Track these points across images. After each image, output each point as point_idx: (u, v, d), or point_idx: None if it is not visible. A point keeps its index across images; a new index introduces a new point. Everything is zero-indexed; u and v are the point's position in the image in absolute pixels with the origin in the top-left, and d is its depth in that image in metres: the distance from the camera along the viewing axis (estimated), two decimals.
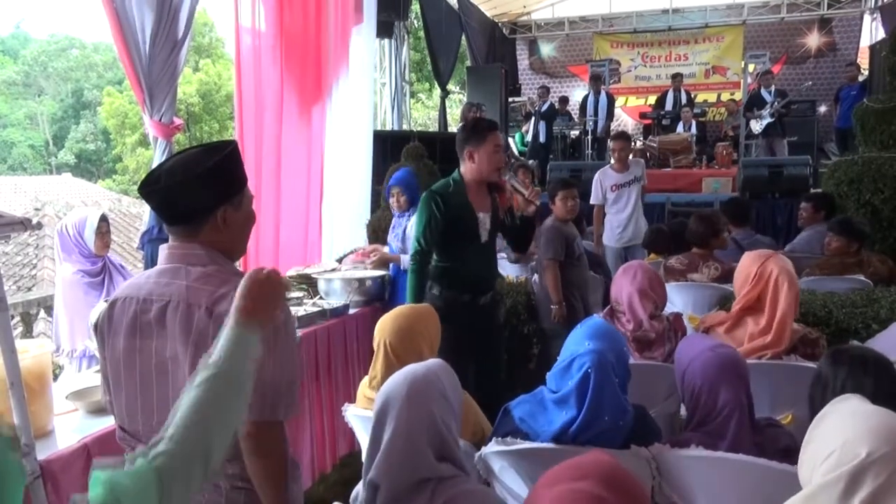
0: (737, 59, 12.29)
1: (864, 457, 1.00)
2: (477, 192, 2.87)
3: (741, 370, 1.77)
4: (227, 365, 1.03)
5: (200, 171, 1.37)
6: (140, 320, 1.41)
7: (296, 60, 5.45)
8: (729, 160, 8.95)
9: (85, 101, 33.30)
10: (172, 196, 1.39)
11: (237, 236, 1.48)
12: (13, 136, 32.18)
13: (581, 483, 0.91)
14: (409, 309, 2.22)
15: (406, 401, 1.34)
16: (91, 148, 31.77)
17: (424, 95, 20.17)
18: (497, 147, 2.82)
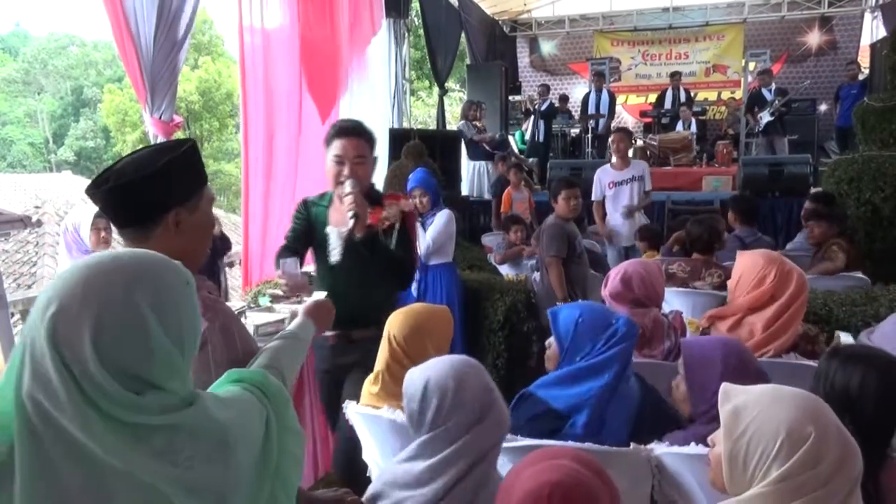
0: (737, 58, 12.28)
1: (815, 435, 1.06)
2: (338, 203, 2.43)
3: (756, 365, 1.79)
4: (295, 332, 1.50)
5: (150, 171, 1.28)
6: None
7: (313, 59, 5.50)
8: (729, 158, 8.94)
9: (85, 98, 33.29)
10: (120, 197, 1.29)
11: (193, 241, 1.38)
12: (13, 133, 32.15)
13: (559, 460, 1.03)
14: (422, 307, 2.24)
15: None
16: (91, 146, 31.75)
17: (424, 93, 20.16)
18: (337, 157, 2.35)
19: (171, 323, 0.93)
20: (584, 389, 1.89)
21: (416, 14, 8.91)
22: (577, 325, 1.97)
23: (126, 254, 0.97)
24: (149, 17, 3.76)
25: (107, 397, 0.85)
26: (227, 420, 0.98)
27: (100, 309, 0.87)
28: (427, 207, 3.86)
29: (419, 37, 11.20)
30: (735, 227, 4.50)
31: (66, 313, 0.86)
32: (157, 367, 0.90)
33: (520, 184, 6.74)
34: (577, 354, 1.95)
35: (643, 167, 5.65)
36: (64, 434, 0.83)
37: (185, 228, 1.34)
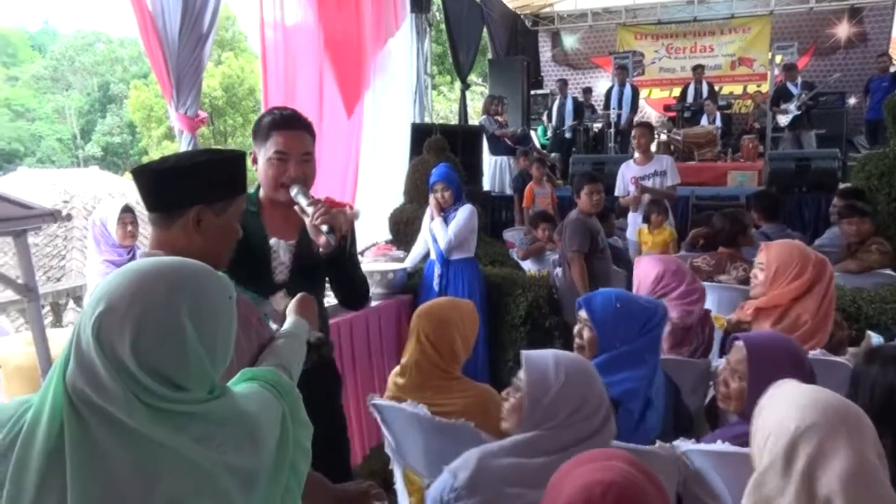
0: (764, 51, 12.07)
1: (793, 430, 1.07)
2: (273, 209, 1.96)
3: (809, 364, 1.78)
4: (292, 331, 1.48)
5: (187, 163, 1.39)
6: None
7: (337, 55, 5.53)
8: (755, 153, 8.81)
9: (111, 94, 33.79)
10: (154, 181, 1.38)
11: (213, 244, 1.40)
12: (42, 129, 32.75)
13: (611, 462, 1.02)
14: (447, 301, 2.28)
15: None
16: (117, 141, 32.23)
17: (446, 88, 20.15)
18: (280, 154, 1.89)
19: (206, 332, 0.98)
20: (633, 374, 1.91)
21: (438, 9, 8.88)
22: (615, 310, 1.99)
23: (174, 262, 1.03)
24: (174, 14, 3.80)
25: (146, 391, 0.91)
26: (253, 412, 1.05)
27: (142, 312, 0.93)
28: (449, 202, 3.86)
29: (441, 31, 11.17)
30: (761, 223, 4.44)
31: (112, 314, 0.92)
32: (189, 372, 0.96)
33: (542, 179, 6.71)
34: (616, 339, 1.96)
35: (667, 161, 5.55)
36: (110, 418, 0.89)
37: (205, 228, 1.38)
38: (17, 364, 1.94)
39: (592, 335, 2.02)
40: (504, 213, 7.81)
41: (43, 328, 1.75)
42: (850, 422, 1.08)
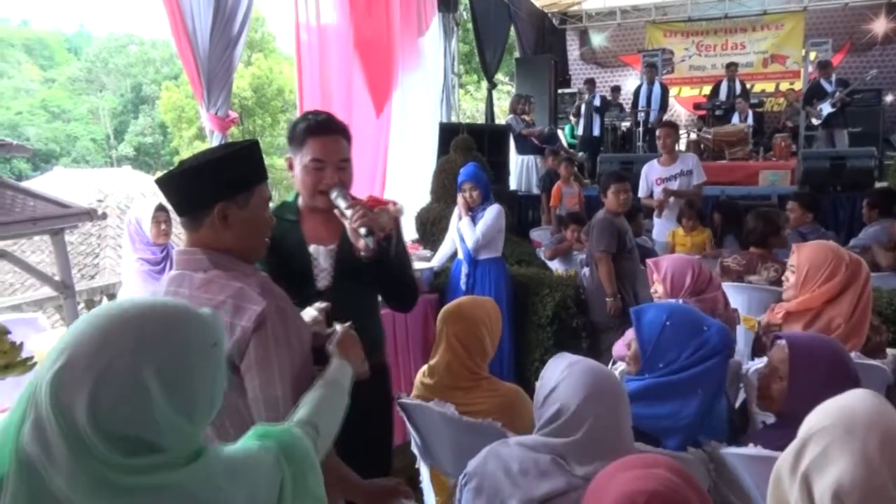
0: (797, 47, 11.85)
1: (806, 430, 1.04)
2: (313, 215, 1.94)
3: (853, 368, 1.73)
4: (334, 377, 1.37)
5: (199, 163, 1.38)
6: None
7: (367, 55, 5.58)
8: (787, 152, 8.64)
9: (143, 95, 34.43)
10: (175, 185, 1.39)
11: (242, 236, 1.41)
12: (77, 130, 33.49)
13: (656, 469, 0.98)
14: (470, 299, 2.28)
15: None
16: (149, 141, 32.83)
17: (473, 87, 20.13)
18: (317, 162, 1.85)
19: (179, 389, 0.89)
20: (673, 410, 1.72)
21: (465, 8, 8.88)
22: (663, 330, 1.80)
23: (145, 308, 0.92)
24: (205, 16, 3.86)
25: (96, 458, 0.82)
26: (227, 486, 0.93)
27: (102, 370, 0.84)
28: (477, 201, 3.86)
29: (468, 31, 11.15)
30: (801, 221, 4.38)
31: (71, 369, 0.83)
32: (158, 433, 0.87)
33: (570, 178, 6.67)
34: (660, 361, 1.78)
35: (692, 160, 5.44)
36: (51, 485, 0.81)
37: (232, 223, 1.39)
38: None
39: (636, 350, 1.88)
40: (531, 213, 7.78)
41: None
42: (876, 430, 0.99)
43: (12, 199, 1.61)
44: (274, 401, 1.33)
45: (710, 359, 1.74)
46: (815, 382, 1.65)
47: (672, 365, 1.76)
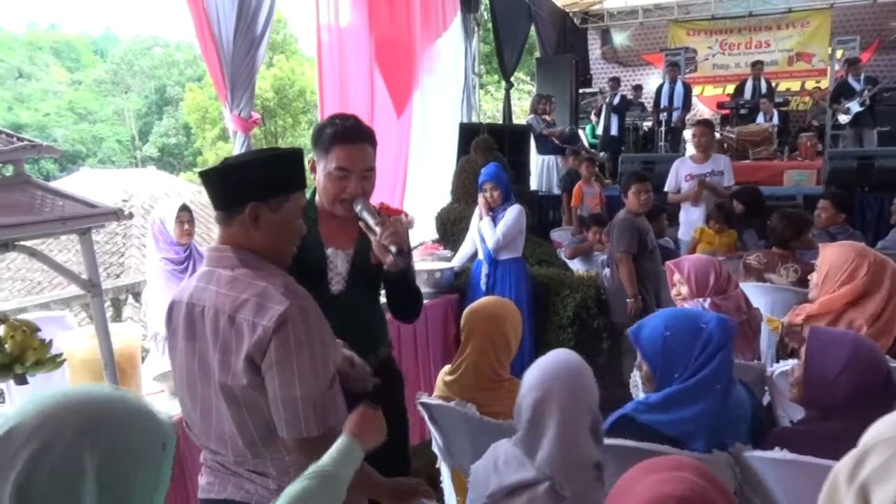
0: (823, 45, 11.65)
1: (867, 440, 0.96)
2: (330, 217, 1.91)
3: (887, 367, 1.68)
4: (333, 468, 1.25)
5: (241, 162, 1.45)
6: (190, 324, 1.45)
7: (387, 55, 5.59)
8: (813, 151, 8.51)
9: (167, 97, 34.90)
10: (214, 180, 1.44)
11: (272, 240, 1.44)
12: (102, 131, 34.05)
13: (683, 473, 0.96)
14: (491, 299, 2.33)
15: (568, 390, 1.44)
16: (173, 142, 33.26)
17: (493, 87, 20.10)
18: (340, 172, 1.82)
19: (117, 487, 0.82)
20: (696, 412, 1.71)
21: (486, 8, 8.86)
22: (665, 342, 1.77)
23: (100, 397, 0.86)
24: (229, 17, 3.90)
25: None
26: None
27: (39, 451, 0.78)
28: (498, 202, 3.86)
29: (488, 31, 11.12)
30: (827, 221, 4.32)
31: (8, 443, 0.78)
32: None
33: (591, 178, 6.64)
34: (673, 372, 1.75)
35: (724, 162, 5.40)
36: None
37: (262, 224, 1.42)
38: (81, 357, 2.02)
39: (647, 371, 1.83)
40: (551, 213, 7.75)
41: (106, 322, 1.82)
42: None
43: (42, 200, 1.64)
44: (293, 401, 1.34)
45: (718, 353, 1.73)
46: (829, 370, 1.64)
47: (685, 372, 1.74)
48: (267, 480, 1.44)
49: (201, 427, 1.48)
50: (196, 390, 1.45)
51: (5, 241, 1.48)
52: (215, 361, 1.38)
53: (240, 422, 1.40)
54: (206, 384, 1.42)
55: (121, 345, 2.01)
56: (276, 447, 1.42)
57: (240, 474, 1.47)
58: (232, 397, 1.38)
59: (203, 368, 1.42)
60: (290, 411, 1.34)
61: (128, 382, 2.06)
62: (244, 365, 1.34)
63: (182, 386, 1.49)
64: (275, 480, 1.44)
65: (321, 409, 1.37)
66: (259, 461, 1.44)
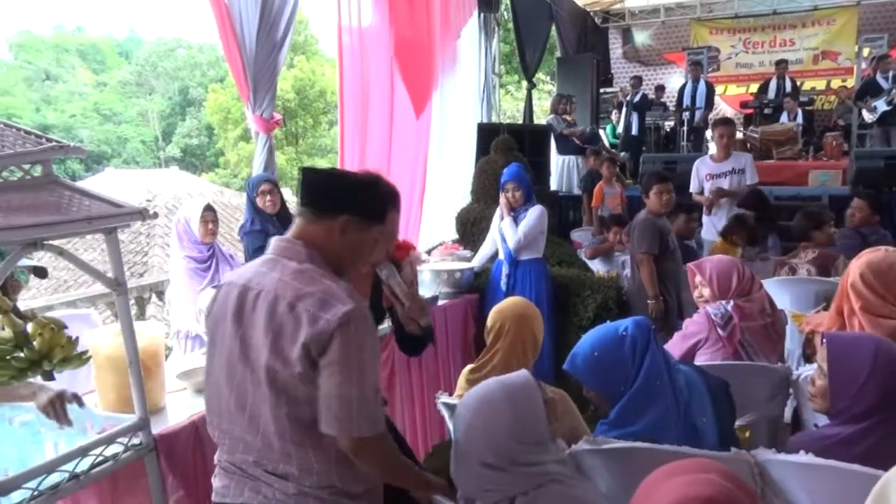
0: (850, 43, 11.46)
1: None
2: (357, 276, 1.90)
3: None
4: None
5: (355, 178, 1.56)
6: (241, 306, 1.48)
7: (406, 56, 5.62)
8: (839, 151, 8.38)
9: (190, 98, 35.28)
10: (322, 182, 1.54)
11: (348, 252, 1.53)
12: (127, 132, 34.51)
13: (709, 475, 0.95)
14: (516, 299, 2.39)
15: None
16: (195, 143, 33.61)
17: (513, 87, 20.04)
18: (385, 236, 1.66)
19: None
20: (655, 416, 1.74)
21: (506, 8, 8.85)
22: (596, 361, 1.81)
23: None
24: (252, 19, 3.94)
25: None
26: None
27: None
28: (520, 202, 3.85)
29: (508, 31, 11.10)
30: (860, 222, 4.30)
31: None
32: None
33: (612, 178, 6.59)
34: (619, 386, 1.79)
35: (746, 159, 5.32)
36: None
37: (348, 238, 1.51)
38: (106, 354, 2.04)
39: (596, 395, 1.87)
40: (571, 214, 7.71)
41: (131, 320, 1.84)
42: None
43: (69, 199, 1.66)
44: (349, 401, 1.37)
45: (647, 352, 1.78)
46: (854, 378, 1.62)
47: (627, 382, 1.78)
48: (287, 484, 1.45)
49: (232, 416, 1.49)
50: (235, 375, 1.47)
51: (34, 239, 1.50)
52: (265, 345, 1.41)
53: (276, 410, 1.41)
54: (246, 368, 1.45)
55: (145, 343, 2.03)
56: (305, 444, 1.43)
57: (257, 477, 1.47)
58: (275, 382, 1.41)
59: (245, 353, 1.45)
60: (345, 410, 1.37)
61: (151, 380, 2.08)
62: (300, 352, 1.37)
63: (221, 368, 1.51)
64: (295, 484, 1.44)
65: (374, 411, 1.41)
66: (283, 458, 1.44)
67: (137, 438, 1.87)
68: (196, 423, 2.07)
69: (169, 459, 1.95)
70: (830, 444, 1.61)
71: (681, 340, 2.62)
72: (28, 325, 1.85)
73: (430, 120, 6.08)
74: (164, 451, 1.94)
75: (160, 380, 2.22)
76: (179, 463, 1.98)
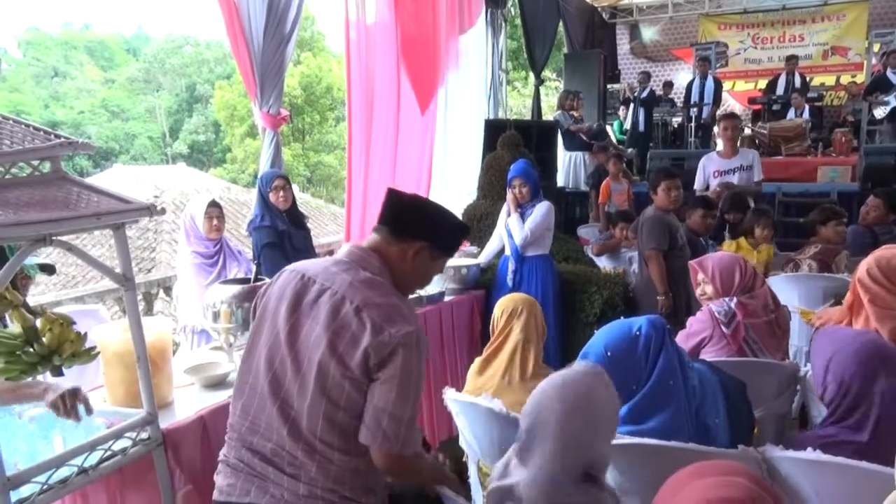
0: (860, 39, 11.37)
1: None
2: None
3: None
4: None
5: (440, 212, 1.65)
6: (301, 295, 1.52)
7: (412, 52, 5.61)
8: (848, 147, 8.32)
9: (197, 94, 35.35)
10: (409, 208, 1.62)
11: (413, 276, 1.62)
12: (135, 128, 34.61)
13: (736, 478, 0.94)
14: (517, 295, 2.47)
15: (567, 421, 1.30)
16: (202, 139, 33.68)
17: (520, 84, 20.00)
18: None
19: None
20: (665, 418, 1.72)
21: (513, 4, 8.83)
22: (609, 361, 1.77)
23: None
24: (259, 15, 3.94)
25: None
26: None
27: None
28: (527, 198, 3.84)
29: (515, 27, 11.07)
30: (874, 220, 4.31)
31: None
32: None
33: (619, 174, 6.57)
34: (631, 385, 1.77)
35: (753, 156, 5.29)
36: None
37: (416, 263, 1.59)
38: (115, 350, 2.06)
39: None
40: (578, 210, 7.69)
41: (139, 316, 1.85)
42: None
43: (78, 195, 1.67)
44: (399, 418, 1.42)
45: (661, 352, 1.76)
46: (819, 371, 1.71)
47: (639, 382, 1.77)
48: (298, 484, 1.45)
49: (263, 400, 1.50)
50: (277, 354, 1.50)
51: (43, 235, 1.51)
52: (322, 341, 1.44)
53: (313, 405, 1.44)
54: (289, 355, 1.48)
55: (153, 338, 2.04)
56: (333, 446, 1.44)
57: (266, 476, 1.48)
58: (323, 379, 1.44)
59: (293, 341, 1.49)
60: (392, 426, 1.41)
61: (159, 375, 2.09)
62: (361, 358, 1.41)
63: (265, 346, 1.54)
64: (307, 485, 1.45)
65: (417, 432, 1.46)
66: (304, 454, 1.45)
67: (145, 433, 1.88)
68: (204, 417, 2.08)
69: (177, 454, 1.96)
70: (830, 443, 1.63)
71: (685, 339, 2.61)
72: (37, 321, 1.87)
73: (435, 116, 6.07)
74: (172, 446, 1.95)
75: (168, 375, 2.23)
76: (187, 457, 1.99)
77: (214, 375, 2.38)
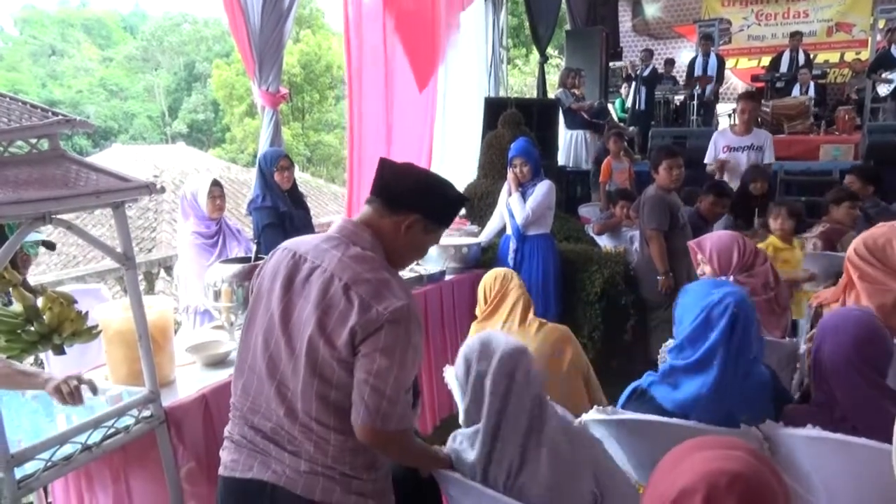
0: (865, 15, 11.23)
1: None
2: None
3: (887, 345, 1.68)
4: None
5: (432, 180, 1.59)
6: (293, 274, 1.51)
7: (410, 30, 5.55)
8: (851, 125, 8.26)
9: (196, 73, 35.06)
10: (400, 178, 1.55)
11: (406, 248, 1.57)
12: (133, 107, 34.39)
13: (735, 452, 0.96)
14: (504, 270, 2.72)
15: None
16: (201, 118, 33.47)
17: (521, 61, 19.82)
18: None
19: None
20: (691, 391, 1.70)
21: None
22: (680, 308, 1.78)
23: None
24: None
25: None
26: None
27: None
28: (528, 177, 3.83)
29: (516, 3, 10.94)
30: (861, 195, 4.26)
31: None
32: None
33: (619, 153, 6.54)
34: (686, 342, 1.75)
35: (765, 137, 5.24)
36: None
37: (409, 236, 1.54)
38: (116, 329, 2.06)
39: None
40: (579, 189, 7.66)
41: (140, 295, 1.85)
42: None
43: (76, 174, 1.66)
44: (382, 392, 1.39)
45: (719, 323, 1.69)
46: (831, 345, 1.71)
47: (698, 343, 1.73)
48: (298, 461, 1.46)
49: (262, 380, 1.51)
50: (273, 335, 1.50)
51: (42, 213, 1.50)
52: (311, 319, 1.43)
53: (307, 385, 1.43)
54: (284, 334, 1.47)
55: (154, 317, 2.05)
56: (329, 426, 1.45)
57: (268, 452, 1.48)
58: (313, 358, 1.43)
59: (286, 320, 1.48)
60: (374, 399, 1.39)
61: (161, 354, 2.10)
62: (347, 337, 1.40)
63: (261, 327, 1.53)
64: (307, 462, 1.46)
65: (403, 408, 1.42)
66: (303, 433, 1.45)
67: (148, 411, 1.90)
68: (206, 395, 2.09)
69: (179, 431, 1.98)
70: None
71: None
72: (38, 300, 1.87)
73: (434, 94, 6.03)
74: (175, 424, 1.97)
75: (170, 353, 2.24)
76: (189, 435, 2.00)
77: (216, 354, 2.39)
